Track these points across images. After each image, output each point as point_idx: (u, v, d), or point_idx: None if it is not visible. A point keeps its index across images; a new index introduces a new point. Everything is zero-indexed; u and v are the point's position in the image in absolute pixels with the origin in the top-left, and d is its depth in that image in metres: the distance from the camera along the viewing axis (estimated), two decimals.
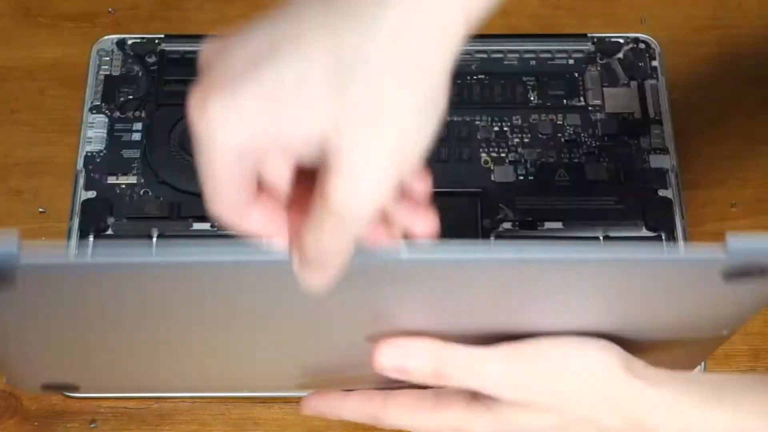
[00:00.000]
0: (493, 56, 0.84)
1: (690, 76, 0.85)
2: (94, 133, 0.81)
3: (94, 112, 0.82)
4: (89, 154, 0.80)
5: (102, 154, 0.80)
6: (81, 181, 0.79)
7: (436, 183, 0.79)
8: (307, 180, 0.49)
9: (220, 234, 0.76)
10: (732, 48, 0.86)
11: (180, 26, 0.87)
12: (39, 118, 0.84)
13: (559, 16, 0.88)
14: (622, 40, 0.85)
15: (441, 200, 0.77)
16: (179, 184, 0.78)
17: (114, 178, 0.79)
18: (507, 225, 0.77)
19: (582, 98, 0.83)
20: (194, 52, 0.83)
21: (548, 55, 0.84)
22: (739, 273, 0.50)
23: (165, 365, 0.61)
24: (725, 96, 0.85)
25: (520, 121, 0.82)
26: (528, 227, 0.77)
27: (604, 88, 0.83)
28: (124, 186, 0.79)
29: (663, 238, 0.77)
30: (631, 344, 0.56)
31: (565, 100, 0.82)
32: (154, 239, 0.76)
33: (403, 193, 0.52)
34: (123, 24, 0.87)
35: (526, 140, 0.81)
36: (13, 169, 0.82)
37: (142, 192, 0.78)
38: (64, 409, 0.73)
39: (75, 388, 0.63)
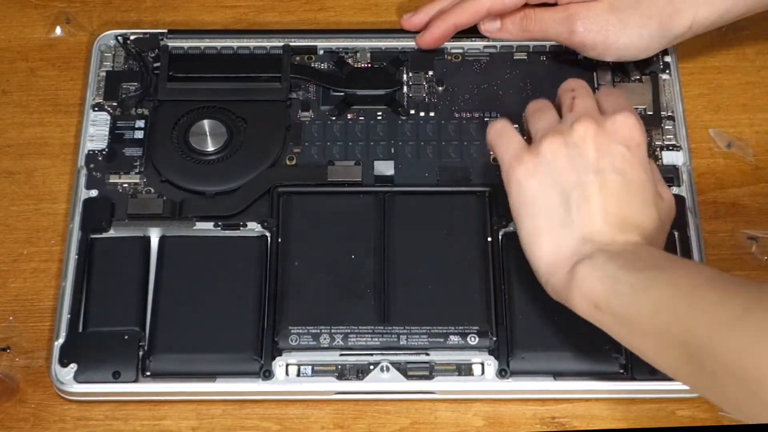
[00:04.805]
0: (502, 51, 0.83)
1: (704, 71, 0.84)
2: (96, 130, 0.80)
3: (96, 109, 0.80)
4: (91, 152, 0.79)
5: (104, 153, 0.79)
6: (82, 179, 0.78)
7: (444, 181, 0.78)
8: None
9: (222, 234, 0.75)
10: (747, 42, 0.85)
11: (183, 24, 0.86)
12: (31, 99, 0.83)
13: None
14: None
15: (449, 199, 0.77)
16: (182, 182, 0.77)
17: (116, 177, 0.78)
18: None
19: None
20: (198, 48, 0.83)
21: (558, 50, 0.83)
22: None
23: None
24: (739, 91, 0.83)
25: None
26: None
27: (616, 83, 0.82)
28: (126, 185, 0.77)
29: (676, 235, 0.75)
30: None
31: None
32: (155, 240, 0.75)
33: None
34: (115, 3, 0.86)
35: None
36: (5, 151, 0.81)
37: (144, 191, 0.77)
38: (62, 392, 0.72)
39: None
